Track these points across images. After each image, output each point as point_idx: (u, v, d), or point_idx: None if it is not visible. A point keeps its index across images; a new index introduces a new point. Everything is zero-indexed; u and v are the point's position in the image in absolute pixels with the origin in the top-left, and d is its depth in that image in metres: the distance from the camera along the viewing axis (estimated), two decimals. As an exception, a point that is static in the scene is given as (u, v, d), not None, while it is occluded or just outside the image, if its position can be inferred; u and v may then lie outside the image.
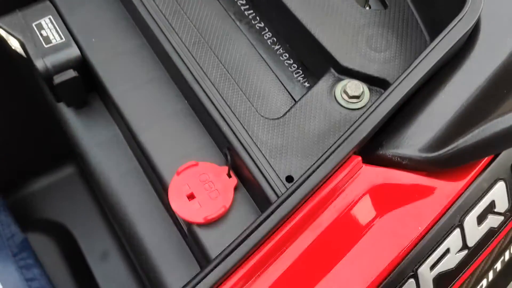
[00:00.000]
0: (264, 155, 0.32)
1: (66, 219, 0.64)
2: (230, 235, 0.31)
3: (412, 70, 0.30)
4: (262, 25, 0.42)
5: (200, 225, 0.32)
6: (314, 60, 0.38)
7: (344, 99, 0.35)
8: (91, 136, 0.41)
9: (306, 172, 0.29)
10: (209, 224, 0.32)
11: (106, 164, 0.39)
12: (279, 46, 0.41)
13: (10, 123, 0.56)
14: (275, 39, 0.41)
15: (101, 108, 0.42)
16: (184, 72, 0.35)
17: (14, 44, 0.42)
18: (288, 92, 0.38)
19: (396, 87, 0.30)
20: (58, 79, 0.38)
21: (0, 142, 0.57)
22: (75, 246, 0.62)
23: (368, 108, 0.30)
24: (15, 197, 0.64)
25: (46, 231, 0.62)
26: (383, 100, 0.30)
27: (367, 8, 0.38)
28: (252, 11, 0.42)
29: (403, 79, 0.30)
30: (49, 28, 0.39)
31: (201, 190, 0.32)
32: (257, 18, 0.42)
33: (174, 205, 0.32)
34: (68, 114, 0.41)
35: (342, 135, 0.29)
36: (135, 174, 0.39)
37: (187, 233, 0.33)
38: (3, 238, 0.56)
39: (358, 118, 0.30)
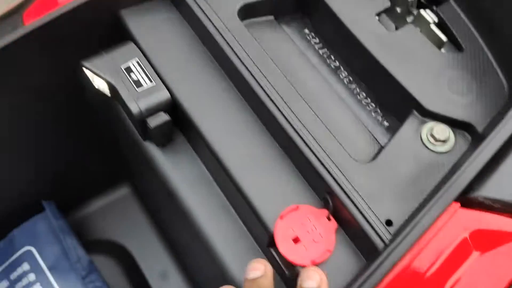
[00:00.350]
0: (363, 199, 0.34)
1: (124, 239, 0.65)
2: (335, 278, 0.33)
3: (508, 118, 0.33)
4: (337, 64, 0.44)
5: (307, 268, 0.34)
6: (393, 101, 0.40)
7: (431, 143, 0.37)
8: (179, 173, 0.42)
9: (412, 220, 0.32)
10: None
11: (196, 202, 0.41)
12: (355, 85, 0.43)
13: (74, 148, 0.57)
14: (350, 78, 0.43)
15: (185, 144, 0.43)
16: (278, 116, 0.37)
17: (99, 84, 0.43)
18: (370, 132, 0.40)
19: (493, 136, 0.32)
20: (152, 123, 0.40)
21: (62, 166, 0.59)
22: (135, 266, 0.64)
23: (470, 158, 0.32)
24: (73, 219, 0.65)
25: (106, 252, 0.64)
26: (482, 149, 0.32)
27: (443, 50, 0.41)
28: (326, 50, 0.44)
29: (501, 128, 0.32)
30: (138, 71, 0.41)
31: (305, 234, 0.34)
32: (332, 57, 0.44)
33: (282, 249, 0.34)
34: (154, 151, 0.43)
35: (445, 183, 0.32)
36: (225, 212, 0.41)
37: (292, 276, 0.35)
38: (71, 261, 0.58)
39: (461, 167, 0.32)
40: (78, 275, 0.58)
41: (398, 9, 0.42)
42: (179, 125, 0.43)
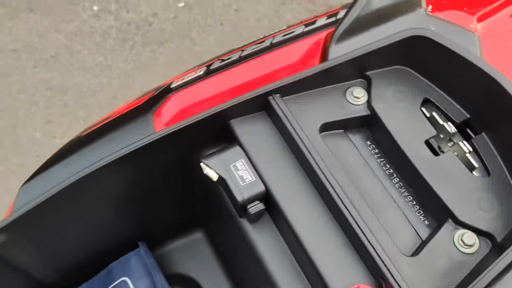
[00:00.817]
0: (408, 286, 0.47)
1: (197, 275, 0.80)
2: None
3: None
4: (391, 171, 0.57)
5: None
6: (433, 208, 0.53)
7: (461, 245, 0.50)
8: (264, 244, 0.56)
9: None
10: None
11: (276, 266, 0.55)
12: (405, 189, 0.56)
13: (170, 205, 0.72)
14: (401, 184, 0.56)
15: (270, 222, 0.57)
16: (345, 212, 0.51)
17: (208, 172, 0.57)
18: (414, 228, 0.54)
19: (510, 250, 0.45)
20: (252, 210, 0.54)
21: (157, 217, 0.74)
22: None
23: (491, 264, 0.44)
24: (156, 254, 0.80)
25: (182, 285, 0.79)
26: (503, 257, 0.45)
27: (475, 173, 0.53)
28: (383, 159, 0.58)
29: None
30: (242, 169, 0.55)
31: (363, 307, 0.48)
32: (387, 165, 0.57)
33: (346, 318, 0.48)
34: (247, 226, 0.57)
35: (472, 282, 0.44)
36: (297, 277, 0.55)
37: None
38: (158, 293, 0.72)
39: (484, 270, 0.44)
40: (163, 306, 0.72)
41: (441, 135, 0.55)
42: (267, 208, 0.57)
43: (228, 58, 0.62)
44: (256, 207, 0.54)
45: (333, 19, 0.60)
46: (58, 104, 1.63)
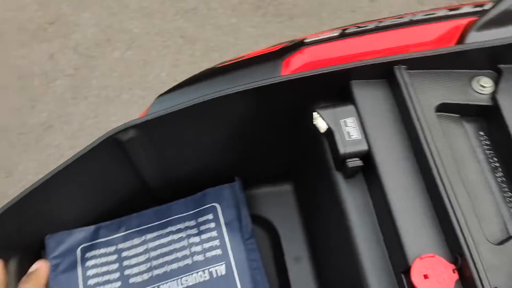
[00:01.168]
0: (483, 268, 0.49)
1: (276, 221, 0.86)
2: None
3: None
4: (497, 165, 0.57)
5: (428, 298, 0.50)
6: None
7: (551, 250, 0.50)
8: (352, 200, 0.61)
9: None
10: (434, 301, 0.50)
11: (359, 223, 0.59)
12: (506, 185, 0.56)
13: (271, 150, 0.79)
14: (504, 179, 0.57)
15: (362, 180, 0.61)
16: (441, 190, 0.53)
17: (317, 123, 0.63)
18: (505, 223, 0.54)
19: None
20: (351, 164, 0.58)
21: (257, 160, 0.81)
22: (279, 245, 0.85)
23: None
24: (246, 194, 0.88)
25: (261, 226, 0.86)
26: None
27: None
28: (491, 151, 0.58)
29: None
30: (351, 126, 0.60)
31: (433, 275, 0.50)
32: (494, 158, 0.58)
33: (414, 279, 0.50)
34: (340, 180, 0.62)
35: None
36: (375, 236, 0.58)
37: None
38: (241, 224, 0.80)
39: None
40: (242, 236, 0.80)
41: (561, 143, 0.54)
42: (364, 168, 0.61)
43: (365, 26, 0.66)
44: (354, 162, 0.59)
45: (478, 9, 0.61)
46: (187, 52, 1.79)
